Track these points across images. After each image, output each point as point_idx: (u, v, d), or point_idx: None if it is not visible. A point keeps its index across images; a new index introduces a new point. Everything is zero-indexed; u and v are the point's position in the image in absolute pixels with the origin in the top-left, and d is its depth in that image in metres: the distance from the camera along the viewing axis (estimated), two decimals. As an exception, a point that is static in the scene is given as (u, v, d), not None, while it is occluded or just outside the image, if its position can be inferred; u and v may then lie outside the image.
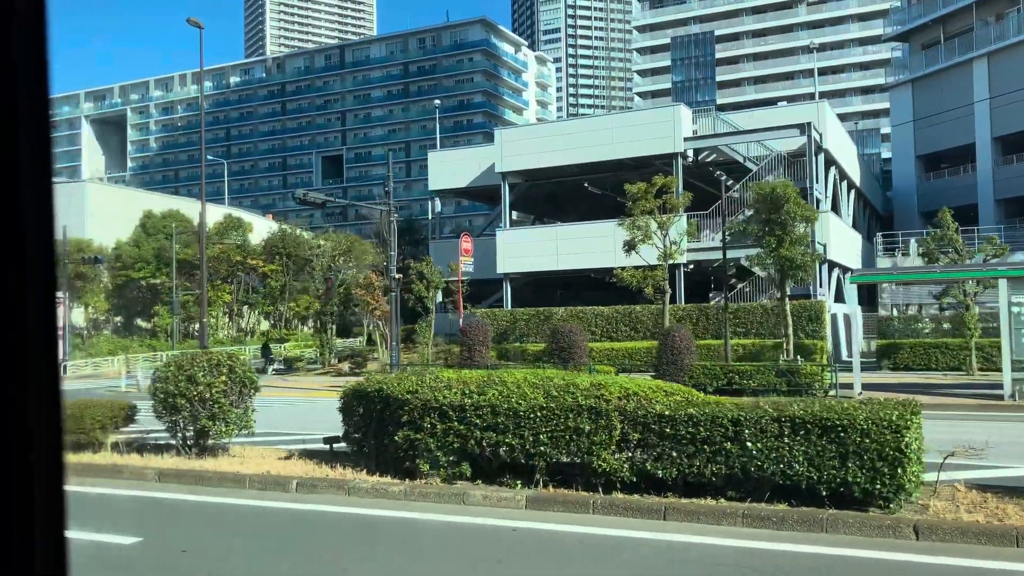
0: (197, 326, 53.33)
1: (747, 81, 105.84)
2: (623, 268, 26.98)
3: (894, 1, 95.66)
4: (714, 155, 34.75)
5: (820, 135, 32.82)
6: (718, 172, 35.96)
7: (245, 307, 56.25)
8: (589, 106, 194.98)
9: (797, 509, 7.01)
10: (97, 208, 52.45)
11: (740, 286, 34.33)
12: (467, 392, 8.48)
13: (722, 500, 7.38)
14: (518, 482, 8.29)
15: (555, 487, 8.13)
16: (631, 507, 7.46)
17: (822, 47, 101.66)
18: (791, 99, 79.09)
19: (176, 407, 10.26)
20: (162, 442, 11.65)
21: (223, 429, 10.43)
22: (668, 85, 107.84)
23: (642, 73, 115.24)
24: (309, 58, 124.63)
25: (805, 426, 7.08)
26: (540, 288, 41.64)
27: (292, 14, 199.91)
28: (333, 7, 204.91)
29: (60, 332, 42.80)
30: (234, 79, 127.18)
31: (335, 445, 10.81)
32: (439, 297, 35.67)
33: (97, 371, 41.76)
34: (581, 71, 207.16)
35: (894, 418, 6.91)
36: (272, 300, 56.30)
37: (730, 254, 32.84)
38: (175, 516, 8.28)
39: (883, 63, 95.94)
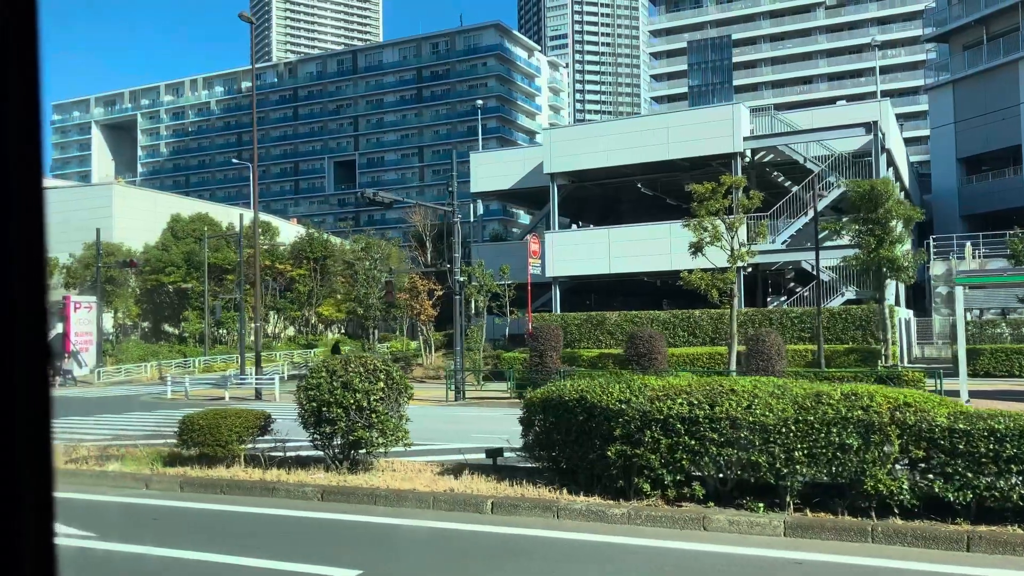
0: (224, 332, 52.35)
1: (765, 85, 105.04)
2: (690, 271, 25.98)
3: (915, 5, 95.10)
4: (771, 155, 33.80)
5: (883, 135, 31.91)
6: (775, 173, 35.03)
7: (272, 312, 55.20)
8: (596, 112, 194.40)
9: None
10: (123, 211, 51.49)
11: (800, 290, 33.41)
12: (695, 402, 7.50)
13: (1030, 527, 6.39)
14: (759, 504, 7.30)
15: (811, 511, 7.14)
16: (922, 535, 6.47)
17: (837, 51, 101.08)
18: (807, 104, 78.12)
19: (331, 417, 9.27)
20: (291, 454, 10.63)
21: (380, 441, 9.43)
22: (684, 89, 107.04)
23: (658, 77, 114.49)
24: (321, 63, 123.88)
25: None
26: (575, 293, 40.63)
27: (298, 18, 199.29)
28: (339, 11, 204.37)
29: (91, 338, 41.82)
30: (246, 84, 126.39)
31: (498, 459, 9.84)
32: (484, 301, 34.74)
33: (129, 377, 40.72)
34: (588, 77, 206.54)
35: None
36: (299, 305, 55.30)
37: (794, 256, 31.93)
38: (377, 542, 7.26)
39: (905, 67, 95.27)
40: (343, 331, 60.94)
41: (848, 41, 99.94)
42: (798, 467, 7.05)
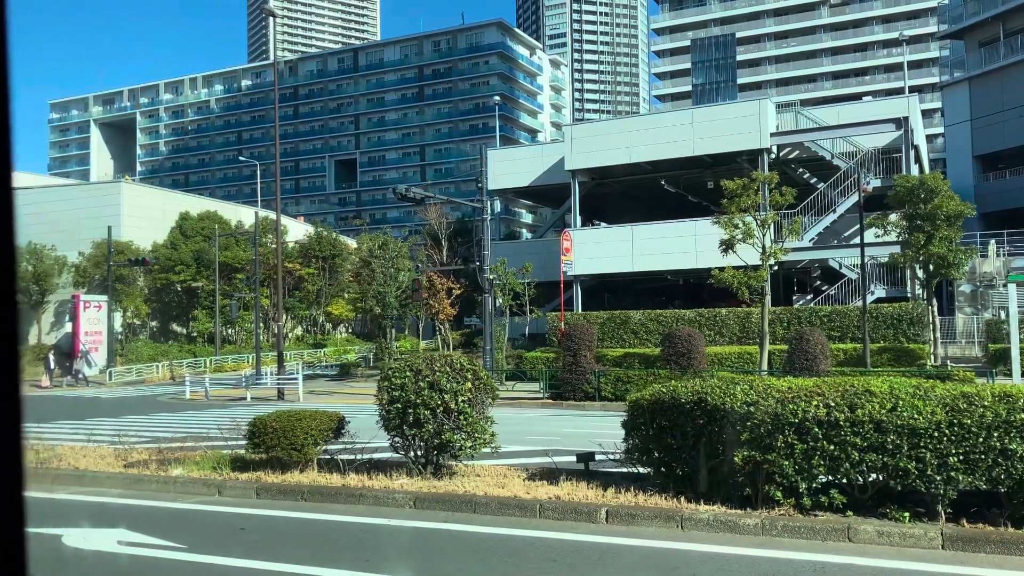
0: (232, 331, 51.72)
1: (769, 84, 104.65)
2: (721, 269, 25.46)
3: (920, 3, 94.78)
4: (797, 151, 33.35)
5: (912, 131, 31.51)
6: (800, 169, 34.58)
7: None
8: (595, 111, 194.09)
9: None
10: (132, 210, 50.83)
11: (827, 289, 32.97)
12: (833, 404, 6.97)
13: None
14: (905, 514, 6.78)
15: (969, 522, 6.62)
16: (1103, 548, 5.96)
17: (842, 50, 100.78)
18: (815, 102, 77.62)
19: (417, 419, 8.73)
20: (364, 457, 10.03)
21: (468, 444, 8.90)
22: (688, 88, 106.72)
23: (661, 76, 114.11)
24: (322, 61, 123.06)
25: None
26: (590, 292, 40.08)
27: (295, 17, 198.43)
28: (337, 10, 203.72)
29: (100, 338, 41.16)
30: (246, 82, 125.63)
31: (590, 463, 9.32)
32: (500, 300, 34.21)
33: (141, 377, 40.11)
34: (587, 76, 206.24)
35: None
36: (308, 304, 54.69)
37: (823, 254, 31.48)
38: (501, 555, 6.71)
39: (909, 65, 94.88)
40: (351, 331, 60.37)
41: (852, 39, 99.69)
42: (953, 474, 6.53)
